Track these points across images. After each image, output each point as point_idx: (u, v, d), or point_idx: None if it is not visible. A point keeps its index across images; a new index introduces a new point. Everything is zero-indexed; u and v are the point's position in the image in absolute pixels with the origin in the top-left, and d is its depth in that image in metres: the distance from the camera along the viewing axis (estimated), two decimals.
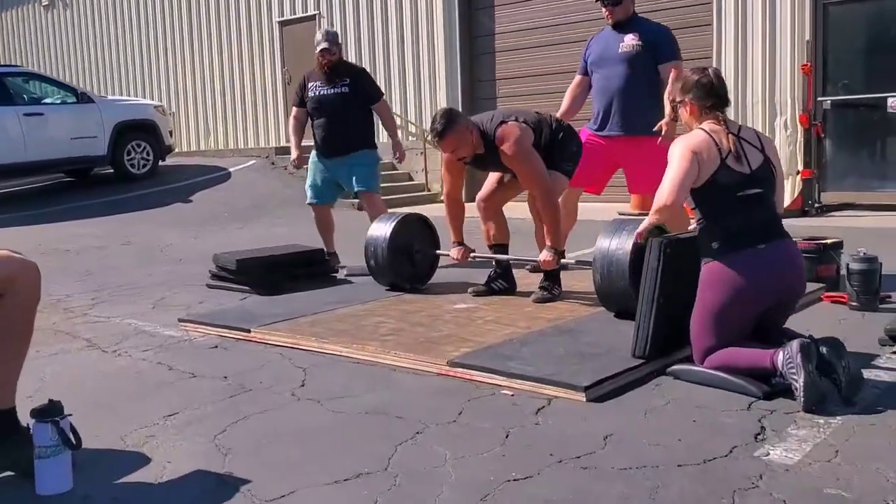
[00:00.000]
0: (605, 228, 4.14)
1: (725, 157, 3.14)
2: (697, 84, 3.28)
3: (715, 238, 3.15)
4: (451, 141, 4.48)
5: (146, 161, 12.43)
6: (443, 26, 11.97)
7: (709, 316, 3.14)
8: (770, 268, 3.13)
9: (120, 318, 4.96)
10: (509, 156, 4.49)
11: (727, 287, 3.10)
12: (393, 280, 5.10)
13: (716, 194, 3.16)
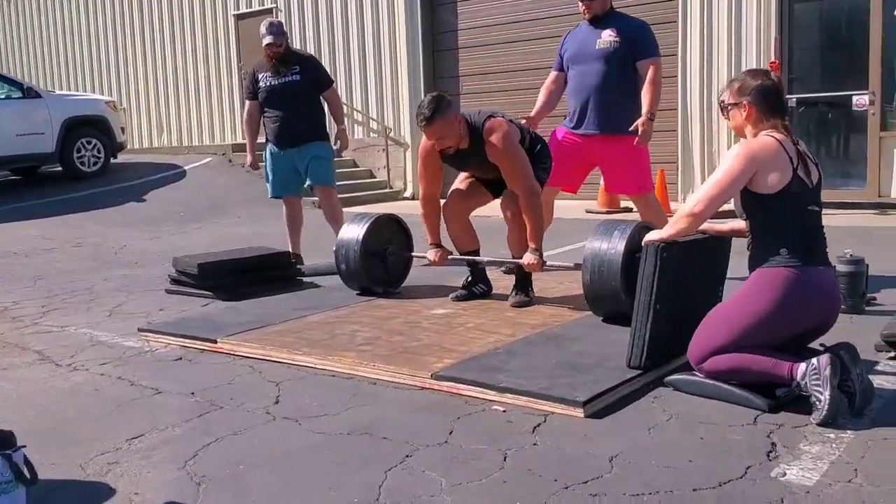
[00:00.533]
0: (596, 229, 3.98)
1: (796, 166, 2.95)
2: (760, 88, 3.05)
3: (783, 245, 2.94)
4: (438, 127, 4.26)
5: (97, 159, 11.98)
6: (405, 20, 11.73)
7: (749, 316, 2.92)
8: (824, 292, 2.98)
9: (74, 328, 4.67)
10: (499, 148, 4.28)
11: (789, 295, 2.89)
12: (366, 284, 4.88)
13: (788, 204, 2.95)
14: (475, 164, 4.53)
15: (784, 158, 2.95)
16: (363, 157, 12.47)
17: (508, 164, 4.35)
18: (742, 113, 3.09)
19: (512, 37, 10.99)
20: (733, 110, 3.13)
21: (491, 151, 4.33)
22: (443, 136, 4.30)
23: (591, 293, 3.93)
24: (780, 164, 2.94)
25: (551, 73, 5.26)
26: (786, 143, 2.98)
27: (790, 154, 2.96)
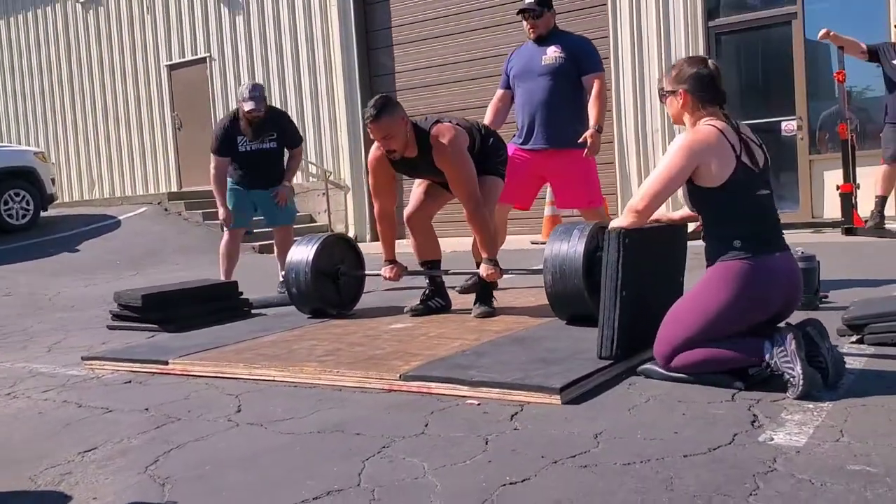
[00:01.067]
0: (554, 232, 3.96)
1: (739, 154, 2.89)
2: (696, 75, 3.00)
3: (736, 236, 2.89)
4: (384, 125, 4.16)
5: (26, 211, 11.55)
6: (341, 65, 11.75)
7: (709, 312, 2.86)
8: (784, 277, 2.92)
9: (10, 363, 4.41)
10: (445, 153, 4.23)
11: (746, 288, 2.84)
12: (318, 306, 4.75)
13: (735, 193, 2.90)
14: (427, 171, 4.49)
15: (726, 147, 2.89)
16: (303, 202, 12.32)
17: (452, 171, 4.30)
18: (678, 100, 3.04)
19: (444, 78, 11.10)
20: (670, 98, 3.08)
21: (437, 156, 4.27)
22: (389, 135, 4.20)
23: (554, 295, 3.88)
24: (722, 154, 2.88)
25: (498, 91, 5.29)
26: (727, 131, 2.92)
27: (731, 141, 2.90)
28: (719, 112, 3.01)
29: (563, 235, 3.88)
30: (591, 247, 3.82)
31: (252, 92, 5.96)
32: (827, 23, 7.52)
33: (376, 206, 4.60)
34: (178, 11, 13.46)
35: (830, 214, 8.45)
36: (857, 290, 4.64)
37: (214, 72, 13.13)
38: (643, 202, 3.00)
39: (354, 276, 4.96)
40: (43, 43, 15.40)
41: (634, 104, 9.62)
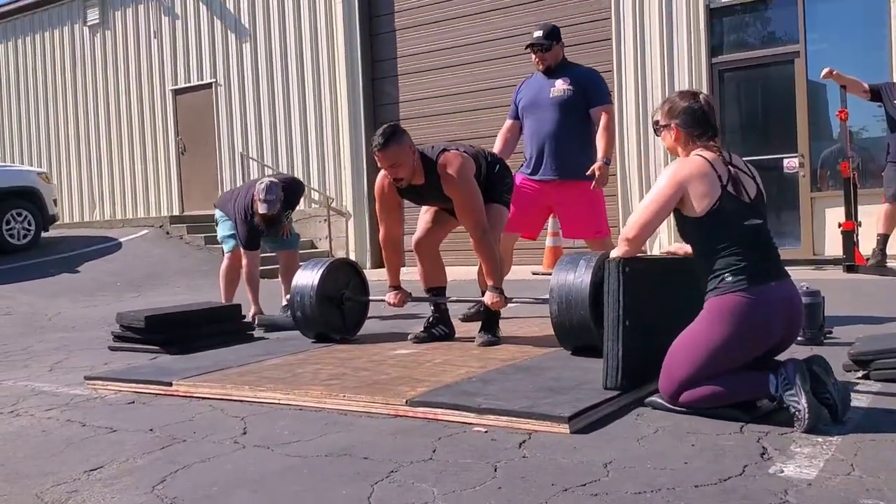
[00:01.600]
0: (561, 261, 3.97)
1: (725, 184, 2.90)
2: (687, 110, 3.03)
3: (728, 270, 2.88)
4: (392, 154, 4.19)
5: (27, 231, 11.56)
6: (346, 92, 11.85)
7: (710, 349, 2.85)
8: (783, 307, 2.90)
9: (13, 381, 4.39)
10: (453, 180, 4.26)
11: (743, 323, 2.82)
12: (322, 331, 4.75)
13: (722, 224, 2.90)
14: (434, 198, 4.50)
15: (712, 177, 2.90)
16: (305, 228, 12.34)
17: (460, 198, 4.32)
18: (671, 135, 3.09)
19: (449, 108, 11.19)
20: (664, 132, 3.13)
21: (445, 184, 4.30)
22: (396, 163, 4.23)
23: (560, 325, 3.89)
24: (707, 184, 2.89)
25: (507, 122, 5.34)
26: (715, 162, 2.94)
27: (719, 171, 2.91)
28: (711, 145, 3.03)
29: (569, 265, 3.89)
30: (598, 277, 3.82)
31: (268, 196, 5.82)
32: (829, 62, 7.60)
33: (382, 232, 4.62)
34: (185, 37, 13.60)
35: (832, 252, 8.48)
36: (860, 327, 4.65)
37: (220, 97, 13.22)
38: (633, 231, 3.03)
39: (359, 302, 4.96)
40: (50, 64, 15.53)
41: (638, 138, 9.69)
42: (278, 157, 12.63)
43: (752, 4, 9.30)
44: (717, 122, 3.09)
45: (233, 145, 13.12)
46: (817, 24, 8.96)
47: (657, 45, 9.55)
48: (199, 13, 13.42)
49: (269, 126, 12.70)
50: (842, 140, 7.82)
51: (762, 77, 9.58)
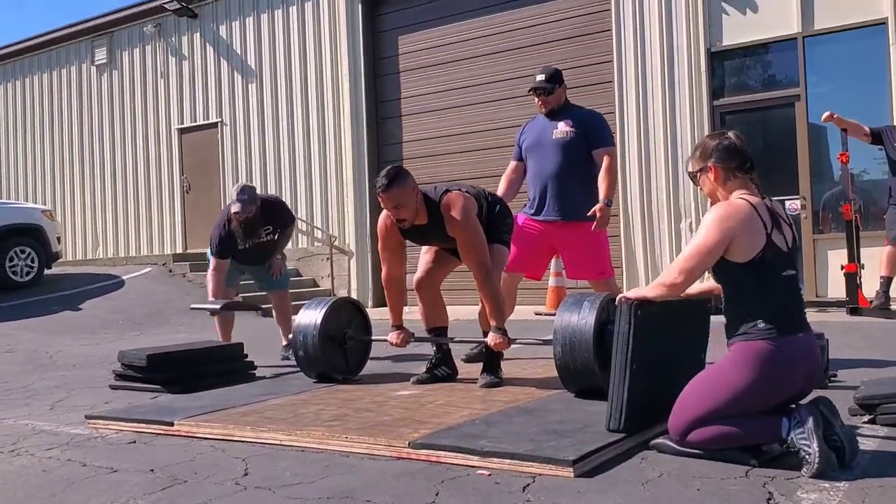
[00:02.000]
0: (564, 302, 3.97)
1: (770, 232, 2.89)
2: (719, 146, 3.04)
3: (760, 316, 2.86)
4: (395, 195, 4.22)
5: (30, 269, 11.58)
6: (351, 132, 11.94)
7: (731, 392, 2.83)
8: (805, 359, 2.90)
9: (13, 420, 4.37)
10: (457, 221, 4.27)
11: (769, 370, 2.82)
12: (324, 370, 4.73)
13: (762, 272, 2.88)
14: (436, 239, 4.51)
15: (757, 224, 2.88)
16: (307, 267, 12.40)
17: (464, 239, 4.33)
18: (710, 176, 3.07)
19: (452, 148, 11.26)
20: (702, 176, 3.11)
21: (449, 225, 4.32)
22: (399, 204, 4.25)
23: (563, 367, 3.87)
24: (753, 231, 2.87)
25: (511, 163, 5.38)
26: (759, 207, 2.92)
27: (763, 218, 2.90)
28: (751, 184, 3.02)
29: (573, 306, 3.89)
30: (602, 319, 3.82)
31: (240, 196, 5.92)
32: (830, 105, 7.67)
33: (384, 272, 4.62)
34: (192, 77, 13.75)
35: (835, 294, 8.47)
36: (865, 370, 4.63)
37: (225, 136, 13.34)
38: (678, 277, 2.97)
39: (361, 341, 4.95)
40: (57, 102, 15.69)
41: (640, 180, 9.74)
42: (282, 195, 12.62)
43: (752, 48, 9.41)
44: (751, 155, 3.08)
45: (237, 184, 13.16)
46: (818, 68, 9.06)
47: (659, 87, 9.64)
48: (205, 54, 13.59)
49: (273, 165, 12.78)
50: (843, 182, 7.86)
51: (763, 119, 9.66)
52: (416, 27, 11.69)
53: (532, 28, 10.71)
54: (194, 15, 13.55)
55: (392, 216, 4.36)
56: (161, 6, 13.64)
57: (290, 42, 12.61)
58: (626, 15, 9.85)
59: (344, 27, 12.01)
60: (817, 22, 8.86)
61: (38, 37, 15.74)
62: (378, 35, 12.07)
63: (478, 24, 11.13)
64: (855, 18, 8.66)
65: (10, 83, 16.45)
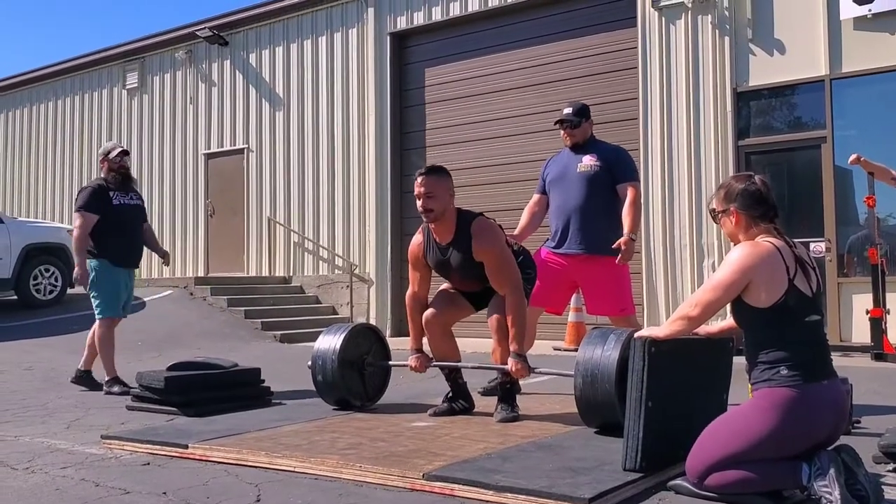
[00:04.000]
0: (589, 335, 3.94)
1: (793, 276, 2.85)
2: (744, 192, 3.01)
3: (783, 363, 2.83)
4: (432, 182, 4.31)
5: (53, 287, 11.70)
6: (374, 161, 12.02)
7: (751, 439, 2.78)
8: (830, 406, 2.85)
9: (29, 437, 4.38)
10: (488, 241, 4.30)
11: (792, 418, 2.77)
12: (343, 396, 4.72)
13: (785, 318, 2.85)
14: (458, 265, 4.46)
15: (780, 268, 2.84)
16: (326, 294, 12.43)
17: (495, 261, 4.33)
18: (731, 220, 3.04)
19: (474, 180, 11.30)
20: (723, 218, 3.08)
21: (478, 247, 4.32)
22: (432, 193, 4.30)
23: (584, 400, 3.83)
24: (775, 275, 2.83)
25: (534, 196, 5.38)
26: (783, 250, 2.88)
27: (787, 262, 2.86)
28: (773, 229, 2.98)
29: (598, 339, 3.86)
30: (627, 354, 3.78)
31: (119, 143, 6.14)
32: (856, 148, 7.60)
33: (409, 291, 4.65)
34: (221, 103, 13.94)
35: (859, 338, 8.35)
36: (890, 417, 4.54)
37: (251, 162, 13.47)
38: (696, 310, 2.95)
39: (380, 367, 4.94)
40: (87, 125, 15.95)
41: (664, 218, 9.70)
42: (305, 222, 12.78)
43: (779, 89, 9.39)
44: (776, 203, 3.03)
45: (261, 210, 13.30)
46: (845, 110, 9.02)
47: (684, 125, 9.63)
48: (235, 81, 13.78)
49: (297, 192, 12.88)
50: (869, 226, 7.78)
51: (789, 161, 9.61)
52: (443, 60, 11.80)
53: (557, 64, 10.77)
54: (225, 43, 13.76)
55: (422, 206, 4.35)
56: (193, 33, 13.88)
57: (318, 71, 12.76)
58: (653, 53, 9.88)
59: (372, 58, 12.14)
60: (845, 65, 8.83)
61: (72, 60, 16.04)
62: (405, 67, 12.19)
63: (503, 58, 11.22)
64: (883, 62, 8.63)
65: (44, 104, 16.75)
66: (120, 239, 6.12)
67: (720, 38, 9.47)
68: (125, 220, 6.15)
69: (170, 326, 10.83)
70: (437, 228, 4.43)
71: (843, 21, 8.77)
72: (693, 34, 9.64)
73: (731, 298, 2.93)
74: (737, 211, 3.02)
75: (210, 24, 13.71)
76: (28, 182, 16.93)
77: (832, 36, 8.85)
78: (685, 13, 9.68)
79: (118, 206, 6.13)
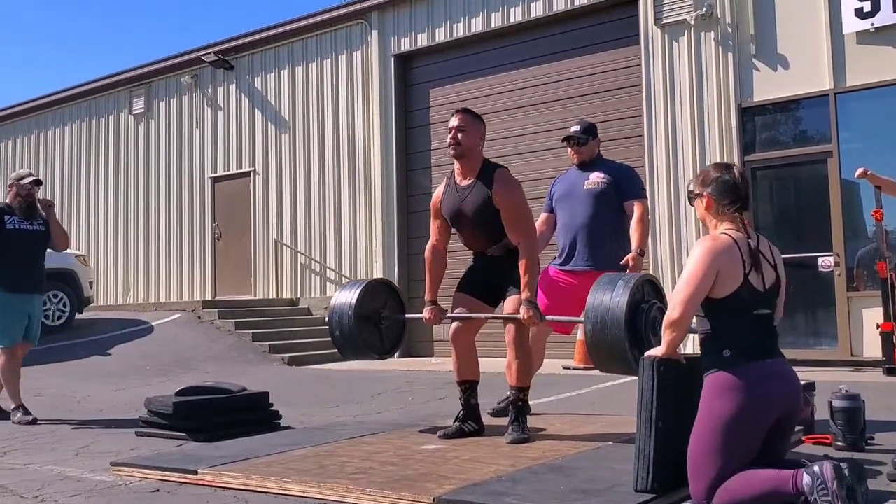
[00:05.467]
0: (597, 283, 3.94)
1: (748, 272, 2.95)
2: (719, 180, 3.12)
3: (725, 346, 2.94)
4: (468, 120, 4.53)
5: (62, 313, 11.73)
6: (381, 181, 12.05)
7: (716, 433, 2.86)
8: (778, 379, 2.93)
9: (39, 465, 4.37)
10: (509, 189, 4.41)
11: (739, 397, 2.86)
12: (362, 350, 4.76)
13: (733, 309, 2.96)
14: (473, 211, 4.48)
15: (737, 261, 2.95)
16: None
17: (515, 207, 4.42)
18: (703, 203, 3.15)
19: None
20: (696, 200, 3.20)
21: (500, 190, 4.40)
22: (465, 128, 4.49)
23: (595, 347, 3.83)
24: (732, 268, 2.94)
25: (542, 215, 5.36)
26: (741, 243, 2.99)
27: (744, 257, 2.96)
28: (739, 221, 3.07)
29: (606, 286, 3.86)
30: (637, 299, 3.80)
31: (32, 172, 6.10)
32: (862, 161, 7.57)
33: (430, 243, 4.69)
34: (226, 127, 14.01)
35: (870, 353, 8.29)
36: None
37: (257, 185, 13.52)
38: (677, 310, 2.99)
39: (396, 320, 4.96)
40: (94, 150, 16.04)
41: (670, 235, 9.69)
42: (311, 243, 12.80)
43: (783, 104, 9.39)
44: (749, 196, 3.12)
45: (267, 232, 13.33)
46: (850, 124, 9.00)
47: (689, 142, 9.64)
48: (240, 104, 13.86)
49: (303, 214, 12.91)
50: (878, 240, 7.75)
51: (795, 175, 9.59)
52: (447, 80, 11.86)
53: (561, 82, 10.81)
54: (231, 67, 13.85)
55: (451, 138, 4.51)
56: (198, 58, 13.97)
57: (322, 94, 12.83)
58: (656, 70, 9.91)
59: (376, 80, 12.20)
60: (849, 79, 8.83)
61: (78, 86, 16.16)
62: (409, 88, 12.25)
63: (507, 78, 11.26)
64: (887, 76, 8.62)
65: (50, 131, 16.86)
66: (12, 264, 6.00)
67: (723, 55, 9.49)
68: (20, 244, 6.03)
69: (177, 350, 10.83)
70: (462, 168, 4.56)
71: (847, 35, 8.78)
72: (696, 51, 9.67)
73: (706, 290, 2.97)
74: (709, 196, 3.13)
75: (215, 49, 13.80)
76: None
77: (835, 50, 8.86)
78: (688, 30, 9.71)
79: (12, 231, 6.01)
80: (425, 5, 11.84)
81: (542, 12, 10.81)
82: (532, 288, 4.34)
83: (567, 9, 10.63)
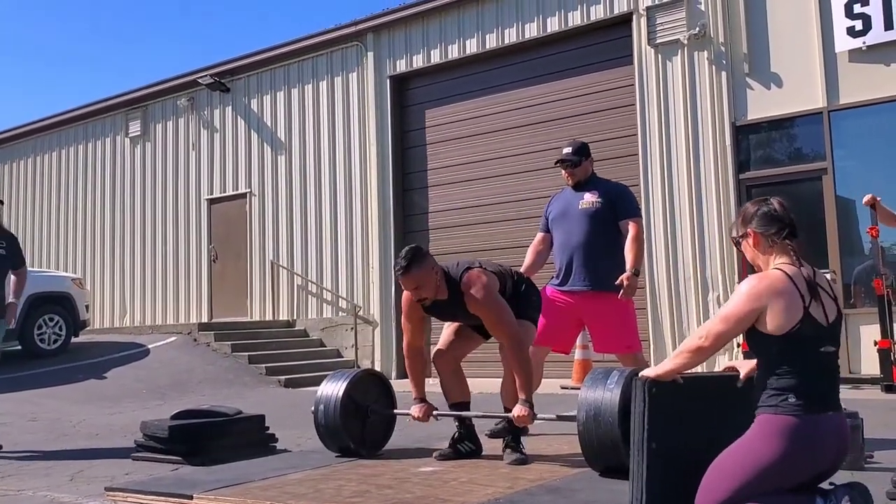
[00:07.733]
0: (590, 376, 3.91)
1: (808, 305, 2.80)
2: (759, 213, 2.98)
3: (791, 391, 2.78)
4: (414, 277, 4.25)
5: (58, 336, 11.67)
6: (377, 203, 12.07)
7: (757, 467, 2.74)
8: (832, 437, 2.81)
9: (32, 491, 4.34)
10: (478, 300, 4.27)
11: (788, 447, 2.73)
12: (346, 444, 4.66)
13: (798, 347, 2.80)
14: (459, 315, 4.49)
15: (794, 296, 2.79)
16: (330, 337, 12.39)
17: (489, 315, 4.33)
18: (750, 242, 3.01)
19: (477, 219, 11.33)
20: (743, 242, 3.05)
21: (470, 304, 4.32)
22: (419, 285, 4.28)
23: (587, 442, 3.78)
24: (788, 303, 2.78)
25: (538, 235, 5.37)
26: (797, 278, 2.83)
27: (801, 291, 2.80)
28: (792, 253, 2.92)
29: (598, 380, 3.82)
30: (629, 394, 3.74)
31: None
32: (857, 179, 7.63)
33: (405, 342, 4.60)
34: (223, 149, 14.04)
35: (868, 370, 8.28)
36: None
37: (253, 207, 13.53)
38: (707, 341, 2.88)
39: (384, 415, 4.89)
40: (91, 173, 16.05)
41: (666, 254, 9.70)
42: (308, 265, 12.79)
43: (777, 122, 9.43)
44: (795, 222, 2.96)
45: (264, 253, 13.32)
46: (844, 141, 9.04)
47: (684, 161, 9.67)
48: (236, 126, 13.89)
49: (299, 235, 12.91)
50: (874, 256, 7.76)
51: (790, 193, 9.58)
52: (443, 101, 11.91)
53: (556, 103, 10.86)
54: (227, 89, 13.90)
55: (415, 299, 4.37)
56: (195, 80, 14.02)
57: (319, 115, 12.87)
58: (650, 89, 9.96)
59: (373, 101, 12.24)
60: (843, 96, 8.88)
61: (74, 110, 16.20)
62: (405, 109, 12.29)
63: (503, 98, 11.32)
64: (880, 94, 8.67)
65: (46, 154, 16.88)
66: None
67: (717, 74, 9.54)
68: None
69: (173, 373, 10.78)
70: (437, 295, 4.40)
71: (839, 53, 8.84)
72: (690, 70, 9.73)
73: (742, 330, 2.88)
74: (754, 232, 2.99)
75: (211, 72, 13.85)
76: (31, 232, 16.98)
77: (828, 68, 8.92)
78: (681, 49, 9.77)
79: None
80: (420, 27, 11.91)
81: (536, 33, 10.88)
82: (527, 388, 4.25)
83: (561, 30, 10.71)
